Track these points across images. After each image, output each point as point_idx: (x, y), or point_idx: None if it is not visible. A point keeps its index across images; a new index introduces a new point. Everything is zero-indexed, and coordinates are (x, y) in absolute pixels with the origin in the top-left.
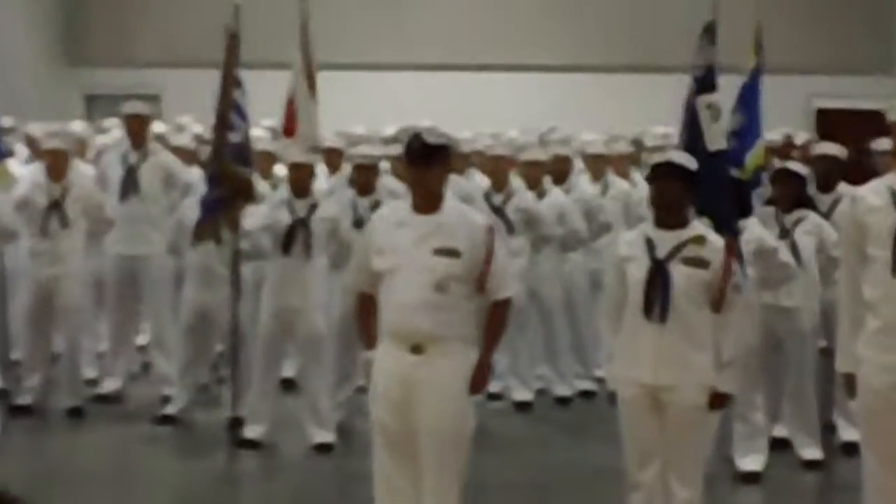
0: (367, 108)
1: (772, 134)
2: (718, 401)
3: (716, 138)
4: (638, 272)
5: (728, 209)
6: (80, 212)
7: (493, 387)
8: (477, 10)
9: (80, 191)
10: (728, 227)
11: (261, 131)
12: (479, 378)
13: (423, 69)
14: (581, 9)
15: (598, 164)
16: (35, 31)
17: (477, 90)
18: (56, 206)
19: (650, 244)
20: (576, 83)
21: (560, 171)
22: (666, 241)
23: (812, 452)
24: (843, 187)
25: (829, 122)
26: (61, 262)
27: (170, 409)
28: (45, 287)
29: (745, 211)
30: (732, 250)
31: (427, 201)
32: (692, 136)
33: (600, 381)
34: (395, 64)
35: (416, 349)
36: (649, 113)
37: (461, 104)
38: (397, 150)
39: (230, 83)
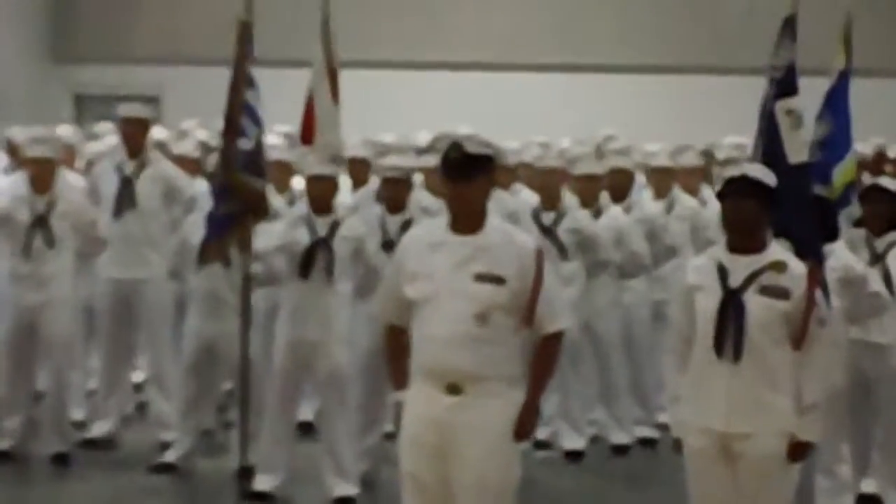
0: (398, 112)
1: (862, 146)
2: (799, 450)
3: (797, 149)
4: (708, 303)
5: (810, 231)
6: (69, 229)
7: (541, 433)
8: (526, 2)
9: (69, 205)
10: (810, 252)
11: (275, 138)
12: (525, 423)
13: (461, 69)
14: (641, 1)
15: (662, 179)
16: (18, 24)
17: (524, 94)
18: (41, 222)
19: (722, 271)
20: (637, 86)
21: (619, 186)
22: (740, 267)
23: None
24: None
25: None
26: (46, 287)
27: (169, 457)
28: (27, 315)
29: (831, 234)
30: (816, 278)
31: (467, 220)
32: (770, 147)
33: (663, 427)
34: (430, 63)
35: (454, 389)
36: (722, 120)
37: (506, 109)
38: (432, 161)
39: (241, 82)
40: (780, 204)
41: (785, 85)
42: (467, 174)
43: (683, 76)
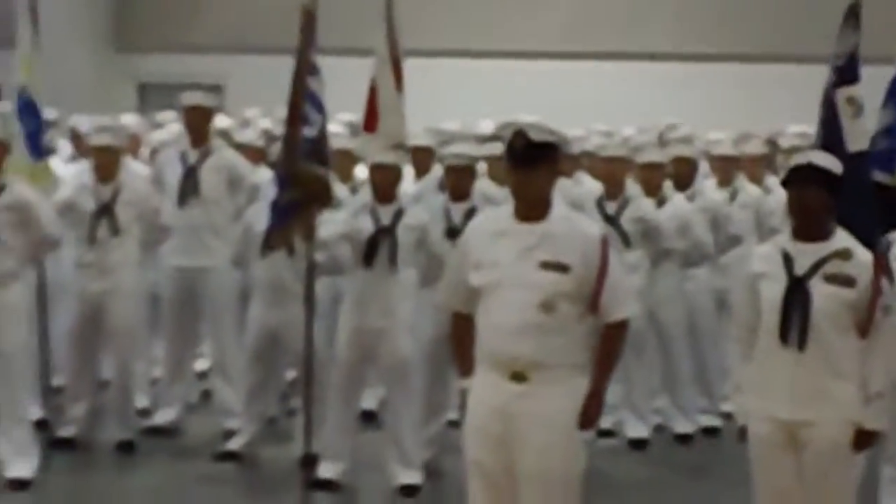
0: (461, 101)
1: None
2: (864, 439)
3: (857, 137)
4: (773, 291)
5: (868, 219)
6: (133, 218)
7: (605, 422)
8: None
9: (133, 193)
10: (868, 240)
11: (338, 126)
12: (590, 411)
13: (525, 57)
14: None
15: (726, 168)
16: (81, 13)
17: (587, 82)
18: (105, 210)
19: (788, 259)
20: (700, 75)
21: (682, 174)
22: (806, 255)
23: None
24: None
25: None
26: (111, 276)
27: (233, 445)
28: (92, 304)
29: (894, 222)
30: (882, 266)
31: (532, 208)
32: (830, 135)
33: (727, 416)
34: (494, 51)
35: (518, 377)
36: (785, 109)
37: (569, 98)
38: (496, 148)
39: (305, 70)
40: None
41: (846, 73)
42: (532, 162)
43: (747, 64)
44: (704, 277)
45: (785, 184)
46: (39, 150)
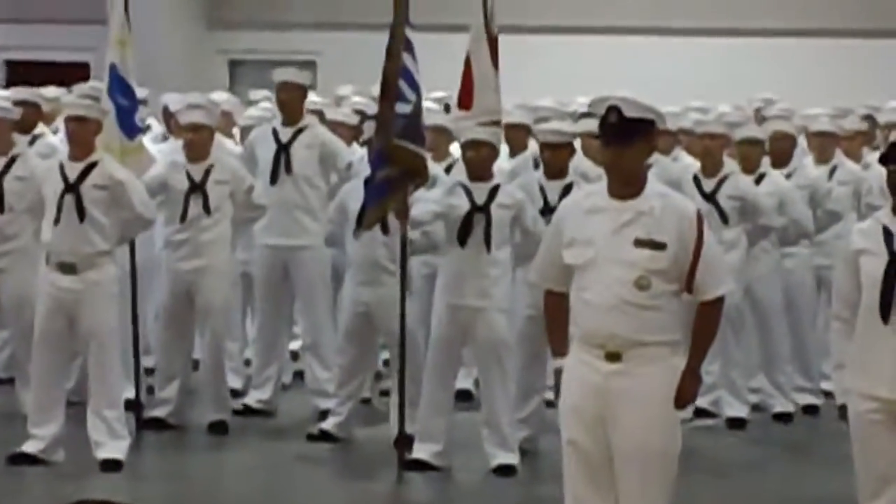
0: (555, 78)
1: None
2: None
3: None
4: (874, 268)
5: None
6: (225, 196)
7: (702, 401)
8: None
9: (225, 172)
10: None
11: (431, 104)
12: (687, 390)
13: (619, 33)
14: None
15: (824, 144)
16: None
17: (683, 57)
18: (197, 189)
19: (888, 235)
20: (798, 49)
21: (780, 151)
22: None
23: None
24: None
25: None
26: (203, 255)
27: (327, 425)
28: (184, 283)
29: None
30: None
31: (626, 185)
32: None
33: (827, 394)
34: (588, 27)
35: (614, 356)
36: (885, 84)
37: (664, 73)
38: (591, 125)
39: (399, 47)
40: None
41: None
42: (626, 138)
43: (846, 39)
44: (803, 255)
45: (884, 160)
46: (132, 129)
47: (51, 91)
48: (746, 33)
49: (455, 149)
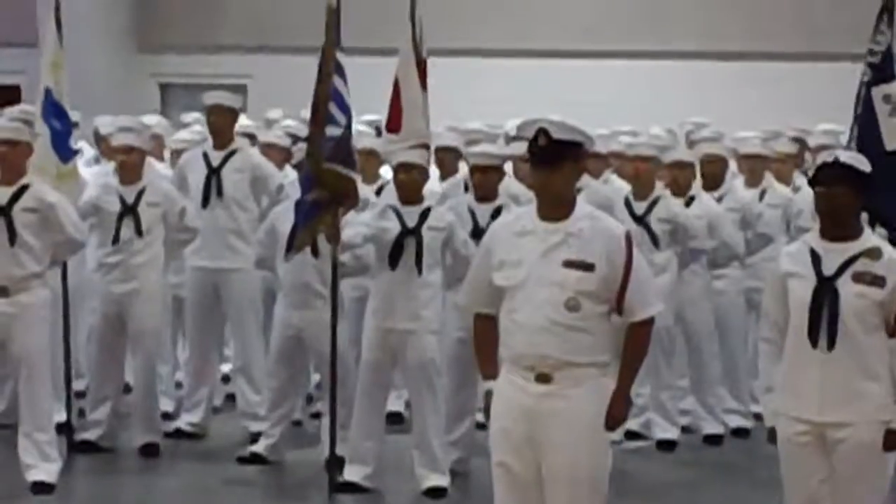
0: (486, 100)
1: None
2: (895, 440)
3: (894, 135)
4: (802, 291)
5: None
6: (157, 219)
7: (632, 423)
8: None
9: (157, 195)
10: None
11: (362, 126)
12: (617, 411)
13: (550, 56)
14: None
15: (754, 167)
16: (103, 13)
17: (613, 81)
18: (129, 211)
19: (816, 258)
20: (728, 73)
21: (711, 174)
22: (834, 254)
23: None
24: None
25: None
26: (135, 277)
27: (258, 448)
28: (116, 305)
29: None
30: None
31: (555, 207)
32: (866, 133)
33: (757, 417)
34: (519, 50)
35: (543, 378)
36: (815, 107)
37: (595, 97)
38: (521, 148)
39: (329, 69)
40: (877, 190)
41: (882, 70)
42: (554, 160)
43: (774, 63)
44: (734, 277)
45: (812, 183)
46: (67, 152)
47: None
48: (676, 56)
49: (385, 171)
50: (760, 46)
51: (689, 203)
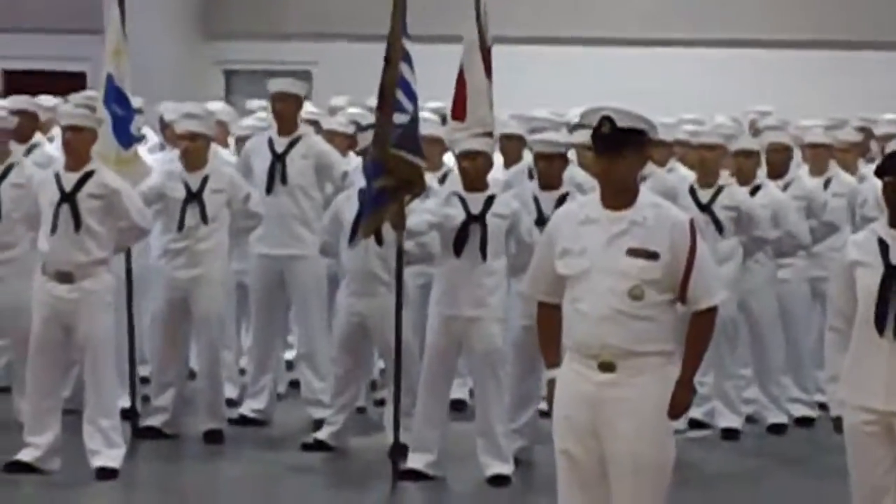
0: (551, 88)
1: None
2: None
3: None
4: (870, 280)
5: None
6: (222, 205)
7: (696, 411)
8: None
9: (222, 181)
10: None
11: (427, 114)
12: (680, 400)
13: (615, 44)
14: None
15: (819, 155)
16: (168, 0)
17: (678, 69)
18: (194, 198)
19: (884, 247)
20: (793, 61)
21: (777, 162)
22: None
23: None
24: None
25: None
26: (200, 264)
27: (322, 435)
28: (180, 291)
29: None
30: None
31: (618, 195)
32: None
33: (822, 406)
34: (583, 38)
35: (606, 367)
36: (881, 95)
37: (659, 85)
38: (585, 136)
39: (397, 56)
40: None
41: None
42: (617, 148)
43: (839, 51)
44: (799, 266)
45: (879, 172)
46: (128, 139)
47: (47, 100)
48: (741, 44)
49: (449, 159)
50: (827, 35)
51: (754, 192)
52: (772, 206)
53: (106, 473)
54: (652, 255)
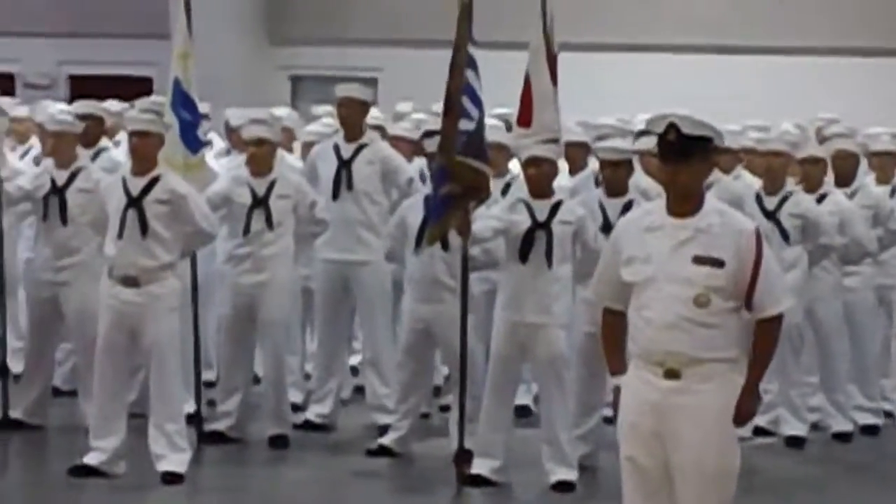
0: (616, 95)
1: None
2: None
3: None
4: None
5: None
6: (288, 211)
7: (761, 419)
8: None
9: (288, 187)
10: None
11: (492, 120)
12: (745, 408)
13: (680, 51)
14: None
15: (885, 163)
16: (234, 6)
17: (743, 76)
18: (260, 203)
19: None
20: (859, 68)
21: (843, 170)
22: None
23: None
24: None
25: None
26: (266, 269)
27: (386, 440)
28: (246, 297)
29: None
30: None
31: (684, 202)
32: None
33: (887, 414)
34: (649, 45)
35: (672, 374)
36: None
37: (724, 91)
38: (651, 143)
39: (462, 62)
40: None
41: None
42: (684, 156)
43: None
44: (865, 273)
45: None
46: (196, 144)
47: (114, 105)
48: (808, 52)
49: (514, 165)
50: (893, 43)
51: (820, 199)
52: (838, 213)
53: (171, 478)
54: (718, 263)
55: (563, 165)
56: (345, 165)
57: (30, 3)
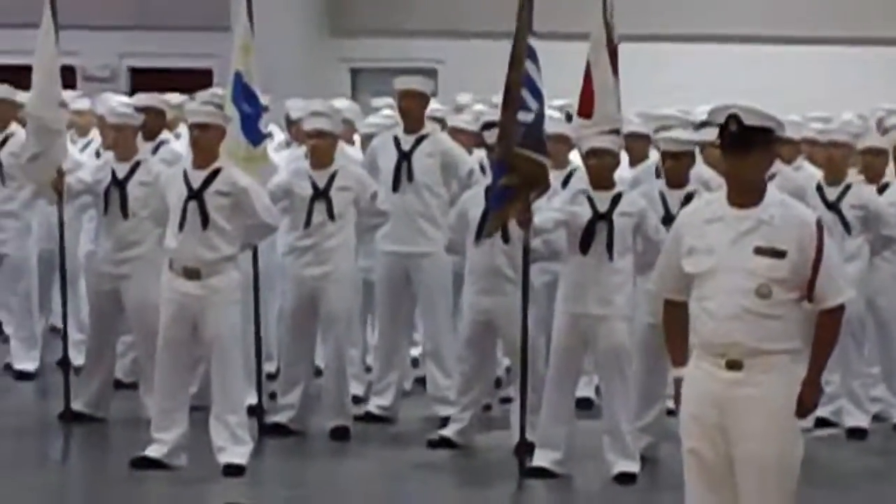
0: (677, 85)
1: None
2: None
3: None
4: None
5: None
6: (349, 203)
7: (823, 410)
8: None
9: (349, 178)
10: None
11: (552, 112)
12: (807, 399)
13: (741, 42)
14: None
15: None
16: None
17: (804, 67)
18: (321, 195)
19: None
20: None
21: None
22: None
23: None
24: None
25: None
26: (327, 261)
27: (447, 432)
28: (308, 289)
29: None
30: None
31: (745, 193)
32: None
33: None
34: (711, 35)
35: (734, 365)
36: None
37: (786, 82)
38: (712, 134)
39: (522, 54)
40: None
41: None
42: (746, 147)
43: None
44: None
45: None
46: (257, 136)
47: (174, 98)
48: (868, 42)
49: (574, 157)
50: None
51: (882, 190)
52: None
53: (233, 470)
54: (779, 254)
55: (623, 157)
56: (405, 157)
57: None
